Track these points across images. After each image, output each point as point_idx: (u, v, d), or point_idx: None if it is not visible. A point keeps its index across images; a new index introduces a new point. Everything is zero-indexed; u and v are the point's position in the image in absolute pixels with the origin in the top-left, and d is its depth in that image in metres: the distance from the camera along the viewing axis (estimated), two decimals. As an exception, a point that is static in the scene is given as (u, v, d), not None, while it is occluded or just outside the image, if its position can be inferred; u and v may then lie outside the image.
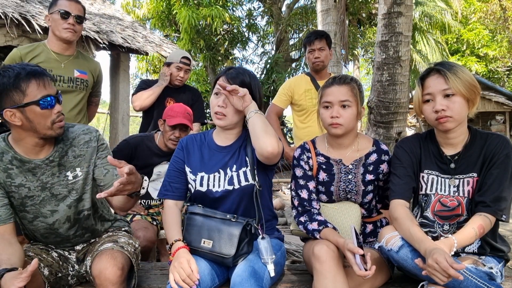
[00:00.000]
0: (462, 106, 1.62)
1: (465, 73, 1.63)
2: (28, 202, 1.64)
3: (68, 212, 1.71)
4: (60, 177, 1.67)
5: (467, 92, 1.60)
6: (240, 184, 1.73)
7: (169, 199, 1.79)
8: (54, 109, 1.57)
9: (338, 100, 1.79)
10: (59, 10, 2.50)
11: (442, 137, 1.72)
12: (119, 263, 1.57)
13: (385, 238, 1.58)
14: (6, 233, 1.56)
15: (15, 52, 2.55)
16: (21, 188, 1.61)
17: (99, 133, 1.76)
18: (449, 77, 1.60)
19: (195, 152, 1.81)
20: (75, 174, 1.69)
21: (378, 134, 3.62)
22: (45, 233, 1.74)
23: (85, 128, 1.74)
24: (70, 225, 1.73)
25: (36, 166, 1.62)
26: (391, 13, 3.46)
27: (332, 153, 1.90)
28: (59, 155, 1.66)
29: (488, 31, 17.59)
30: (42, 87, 1.53)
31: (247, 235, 1.66)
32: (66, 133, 1.69)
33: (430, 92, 1.65)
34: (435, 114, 1.63)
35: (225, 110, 1.70)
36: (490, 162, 1.64)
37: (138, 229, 2.37)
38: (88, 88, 2.71)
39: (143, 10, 13.47)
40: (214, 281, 1.65)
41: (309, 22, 12.94)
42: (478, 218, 1.58)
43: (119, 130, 6.46)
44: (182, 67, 3.11)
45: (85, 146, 1.70)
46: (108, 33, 5.81)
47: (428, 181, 1.74)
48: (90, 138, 1.72)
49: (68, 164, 1.68)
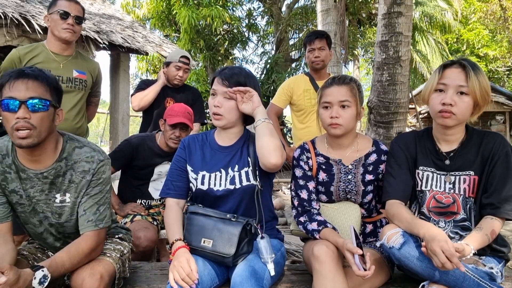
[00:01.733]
0: (469, 108, 1.62)
1: (485, 78, 1.62)
2: (19, 209, 1.63)
3: (51, 230, 1.68)
4: (48, 196, 1.60)
5: (480, 97, 1.60)
6: (241, 184, 1.73)
7: (171, 198, 1.80)
8: (15, 114, 1.43)
9: (337, 100, 1.79)
10: (58, 10, 2.50)
11: (440, 132, 1.73)
12: (96, 272, 1.53)
13: (387, 235, 1.58)
14: (2, 231, 1.56)
15: (14, 52, 2.55)
16: (13, 194, 1.59)
17: (102, 165, 1.62)
18: (471, 75, 1.59)
19: (197, 151, 1.82)
20: (63, 199, 1.61)
21: (378, 134, 3.62)
22: (36, 238, 1.74)
23: (90, 156, 1.61)
24: (56, 239, 1.72)
25: (28, 177, 1.57)
26: (391, 13, 3.47)
27: (332, 153, 1.90)
28: (55, 173, 1.58)
29: (488, 31, 17.59)
30: (13, 88, 1.43)
31: (247, 234, 1.66)
32: (72, 153, 1.60)
33: (445, 83, 1.62)
34: (441, 106, 1.62)
35: (220, 110, 1.70)
36: (491, 162, 1.64)
37: (138, 229, 2.37)
38: (87, 88, 2.71)
39: (143, 10, 13.48)
40: (214, 281, 1.65)
41: (309, 22, 12.95)
42: (489, 223, 1.58)
43: (119, 130, 6.47)
44: (181, 67, 3.10)
45: (81, 176, 1.60)
46: (108, 33, 5.81)
47: (423, 177, 1.75)
48: (89, 169, 1.60)
49: (60, 186, 1.60)
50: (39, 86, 1.47)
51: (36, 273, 1.36)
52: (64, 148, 1.60)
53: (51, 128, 1.53)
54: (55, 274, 1.44)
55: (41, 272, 1.37)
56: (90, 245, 1.57)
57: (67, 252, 1.51)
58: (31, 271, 1.36)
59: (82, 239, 1.58)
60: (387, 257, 1.76)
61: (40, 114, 1.46)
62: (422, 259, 1.49)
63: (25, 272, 1.33)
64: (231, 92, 1.67)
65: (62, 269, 1.47)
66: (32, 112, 1.45)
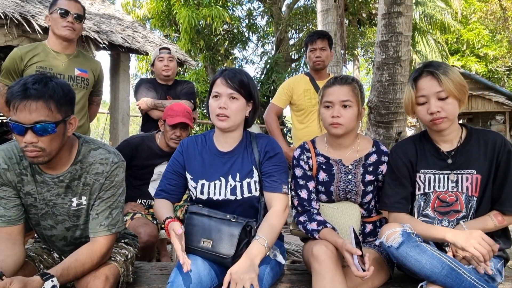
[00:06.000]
0: (455, 106, 1.67)
1: (454, 73, 1.68)
2: (32, 210, 1.62)
3: (66, 234, 1.68)
4: (64, 199, 1.60)
5: (459, 93, 1.66)
6: (243, 195, 1.73)
7: (162, 200, 1.79)
8: (23, 138, 1.40)
9: (339, 100, 1.79)
10: (58, 9, 2.52)
11: (437, 135, 1.76)
12: (101, 274, 1.52)
13: (386, 234, 1.59)
14: (14, 233, 1.55)
15: (16, 51, 2.55)
16: (28, 196, 1.59)
17: (116, 167, 1.60)
18: (442, 79, 1.64)
19: (196, 158, 1.80)
20: (80, 202, 1.61)
21: (378, 134, 3.62)
22: (44, 240, 1.74)
23: (105, 157, 1.59)
24: (66, 244, 1.72)
25: (45, 181, 1.56)
26: (391, 13, 3.47)
27: (332, 153, 1.90)
28: (71, 177, 1.57)
29: (488, 31, 17.59)
30: (17, 111, 1.38)
31: (247, 235, 1.66)
32: (87, 155, 1.59)
33: (424, 95, 1.68)
34: (430, 116, 1.66)
35: (227, 111, 1.68)
36: (495, 162, 1.68)
37: (138, 225, 2.38)
38: (89, 86, 2.72)
39: (143, 10, 13.49)
40: (214, 281, 1.65)
41: (309, 22, 12.95)
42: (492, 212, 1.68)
43: (119, 130, 6.47)
44: (163, 57, 3.22)
45: (95, 178, 1.58)
46: (108, 33, 5.81)
47: (425, 180, 1.76)
48: (102, 171, 1.58)
49: (76, 190, 1.59)
50: (43, 107, 1.39)
51: (45, 283, 1.33)
52: (80, 151, 1.59)
53: (62, 142, 1.50)
54: (64, 282, 1.43)
55: (50, 282, 1.34)
56: (101, 251, 1.55)
57: (78, 260, 1.48)
58: (40, 280, 1.33)
59: (94, 245, 1.55)
60: (386, 257, 1.76)
61: (48, 137, 1.42)
62: (420, 259, 1.49)
63: (33, 281, 1.31)
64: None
65: (72, 278, 1.46)
66: (39, 136, 1.40)
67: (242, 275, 1.44)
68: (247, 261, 1.50)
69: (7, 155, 1.55)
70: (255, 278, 1.45)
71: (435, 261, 1.48)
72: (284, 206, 1.70)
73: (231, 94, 1.68)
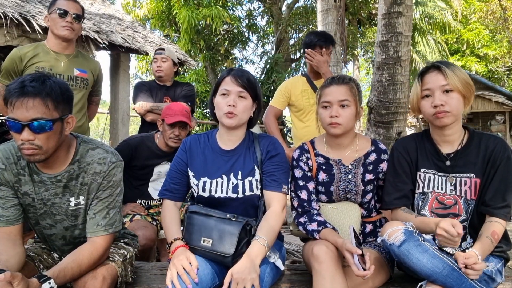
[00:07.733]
0: (459, 102, 1.67)
1: (461, 71, 1.70)
2: (31, 210, 1.62)
3: (65, 233, 1.68)
4: (62, 199, 1.60)
5: (464, 89, 1.66)
6: (244, 193, 1.74)
7: (168, 200, 1.80)
8: (20, 135, 1.40)
9: (337, 99, 1.79)
10: (57, 9, 2.52)
11: (439, 134, 1.75)
12: (99, 275, 1.52)
13: (388, 232, 1.59)
14: (13, 233, 1.55)
15: (15, 52, 2.55)
16: (25, 197, 1.59)
17: (113, 167, 1.61)
18: (447, 73, 1.66)
19: (199, 155, 1.81)
20: (78, 202, 1.61)
21: (378, 134, 3.62)
22: (43, 239, 1.74)
23: (102, 157, 1.59)
24: (66, 243, 1.72)
25: (42, 181, 1.56)
26: (391, 13, 3.47)
27: (331, 153, 1.90)
28: (68, 177, 1.57)
29: (488, 31, 17.59)
30: (14, 108, 1.38)
31: (247, 234, 1.66)
32: (85, 155, 1.59)
33: (429, 88, 1.69)
34: (434, 109, 1.67)
35: (235, 109, 1.69)
36: (493, 166, 1.67)
37: (137, 228, 2.38)
38: (88, 87, 2.72)
39: (143, 10, 13.49)
40: (214, 281, 1.65)
41: (309, 22, 12.96)
42: (489, 226, 1.62)
43: (119, 130, 6.47)
44: (157, 58, 3.27)
45: (92, 177, 1.58)
46: (108, 33, 5.81)
47: (425, 179, 1.76)
48: (100, 171, 1.58)
49: (74, 190, 1.59)
50: (40, 105, 1.39)
51: (42, 286, 1.33)
52: (77, 151, 1.59)
53: (60, 141, 1.50)
54: (62, 283, 1.43)
55: (47, 284, 1.34)
56: (98, 252, 1.55)
57: (75, 261, 1.48)
58: (38, 282, 1.33)
59: (91, 245, 1.55)
60: (387, 257, 1.76)
61: (45, 135, 1.42)
62: (421, 258, 1.49)
63: (32, 283, 1.31)
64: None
65: (69, 279, 1.46)
66: (36, 133, 1.40)
67: (244, 275, 1.44)
68: (248, 261, 1.50)
69: (5, 155, 1.55)
70: (256, 278, 1.46)
71: (436, 261, 1.48)
72: (282, 207, 1.71)
73: (240, 93, 1.70)
